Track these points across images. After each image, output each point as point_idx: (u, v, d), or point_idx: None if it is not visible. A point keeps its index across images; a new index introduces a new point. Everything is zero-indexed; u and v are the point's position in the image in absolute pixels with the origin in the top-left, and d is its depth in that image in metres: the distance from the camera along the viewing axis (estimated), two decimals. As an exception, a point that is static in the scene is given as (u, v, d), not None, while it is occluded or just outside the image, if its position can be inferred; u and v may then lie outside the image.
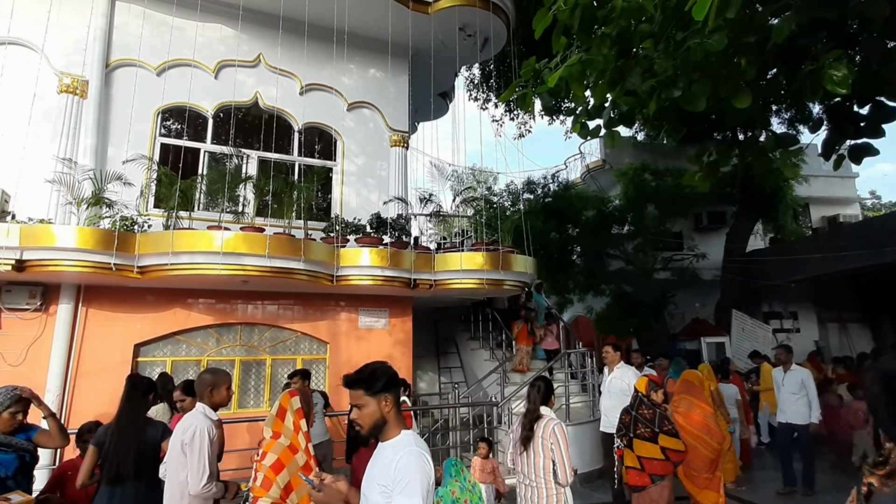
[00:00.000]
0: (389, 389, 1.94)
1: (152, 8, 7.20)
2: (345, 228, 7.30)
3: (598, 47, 2.46)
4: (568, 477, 3.33)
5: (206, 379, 3.16)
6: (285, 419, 2.92)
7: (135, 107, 6.75)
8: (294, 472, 2.73)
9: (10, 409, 2.92)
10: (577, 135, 3.52)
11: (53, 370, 5.98)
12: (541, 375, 4.44)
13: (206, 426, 2.97)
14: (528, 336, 9.03)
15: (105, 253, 5.68)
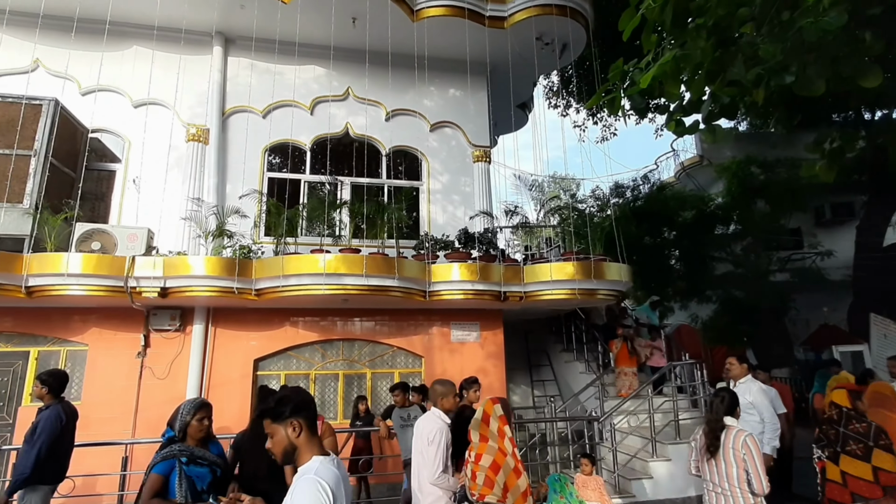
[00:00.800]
0: (298, 414, 1.89)
1: (258, 59, 8.06)
2: (434, 245, 7.51)
3: (694, 40, 2.36)
4: (764, 487, 3.35)
5: (438, 389, 3.77)
6: (490, 424, 3.17)
7: (246, 147, 7.55)
8: (508, 474, 2.97)
9: (197, 415, 3.07)
10: (672, 132, 3.36)
11: (191, 382, 6.77)
12: (724, 387, 4.53)
13: (444, 428, 3.51)
14: (630, 357, 8.35)
15: (228, 279, 6.35)
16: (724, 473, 3.49)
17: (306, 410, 1.94)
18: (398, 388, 5.99)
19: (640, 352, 8.45)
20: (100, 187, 7.56)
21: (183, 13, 7.36)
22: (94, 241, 6.47)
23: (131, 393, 6.69)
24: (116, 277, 6.13)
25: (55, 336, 6.76)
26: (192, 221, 6.96)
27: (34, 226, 6.17)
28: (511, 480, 2.97)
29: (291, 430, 1.87)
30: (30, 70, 7.39)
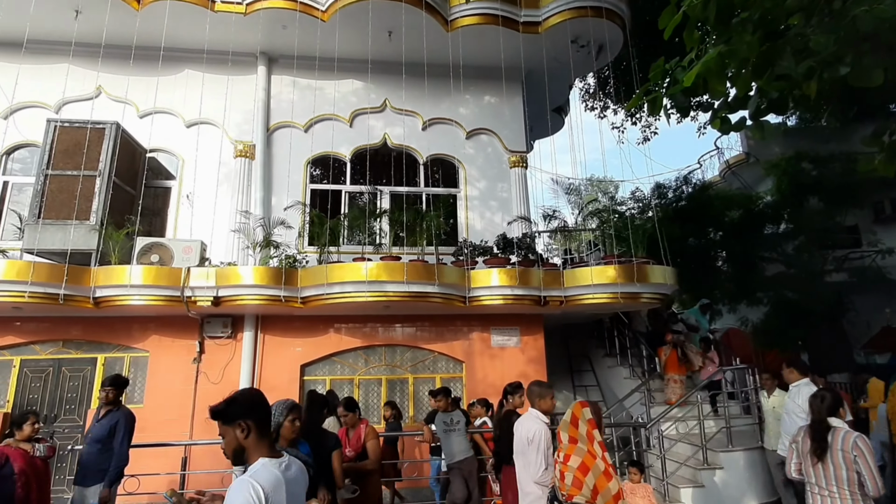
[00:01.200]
0: (249, 416, 1.90)
1: (299, 76, 8.40)
2: (473, 251, 7.57)
3: (739, 35, 2.33)
4: (879, 488, 3.25)
5: (535, 390, 3.92)
6: (578, 426, 3.21)
7: (290, 161, 7.86)
8: (598, 476, 3.00)
9: (289, 416, 3.13)
10: (717, 130, 3.29)
11: (243, 387, 7.04)
12: (826, 387, 4.51)
13: (543, 428, 3.67)
14: (680, 364, 7.98)
15: (276, 287, 6.61)
16: (832, 476, 3.38)
17: (257, 412, 1.95)
18: (440, 392, 6.04)
19: (692, 359, 8.08)
20: (157, 203, 8.02)
21: (230, 37, 7.76)
22: (154, 253, 6.88)
23: (188, 396, 7.03)
24: (174, 288, 6.49)
25: (119, 343, 7.19)
26: (240, 233, 7.29)
27: (100, 241, 6.61)
28: (601, 483, 2.98)
29: (240, 431, 1.89)
30: (93, 96, 7.96)
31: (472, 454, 6.07)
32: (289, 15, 7.61)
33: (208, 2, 7.49)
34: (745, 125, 3.10)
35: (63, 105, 7.88)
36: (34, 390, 7.04)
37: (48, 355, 7.16)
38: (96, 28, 7.42)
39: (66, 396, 7.08)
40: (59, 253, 6.57)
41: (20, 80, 7.46)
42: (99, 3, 7.15)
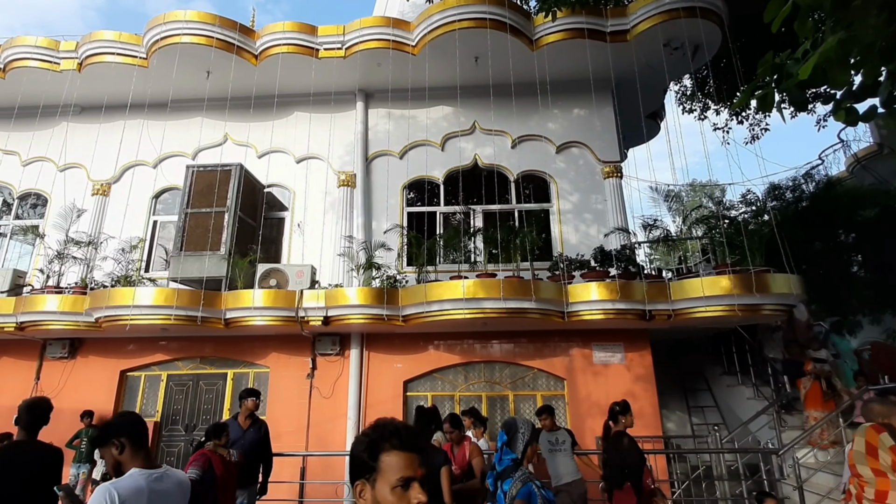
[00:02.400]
0: (121, 435, 2.16)
1: (393, 107, 8.98)
2: (569, 265, 7.44)
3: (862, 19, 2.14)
4: None
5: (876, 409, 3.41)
6: (879, 456, 2.93)
7: (388, 186, 8.36)
8: None
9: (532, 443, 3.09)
10: (842, 122, 3.00)
11: (351, 401, 7.50)
12: None
13: None
14: (824, 399, 6.94)
15: (378, 307, 6.99)
16: None
17: (128, 431, 2.20)
18: (545, 411, 5.95)
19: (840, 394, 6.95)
20: (273, 232, 8.90)
21: (332, 79, 8.54)
22: (272, 278, 7.63)
23: (304, 410, 7.60)
24: (289, 309, 7.13)
25: (245, 360, 8.01)
26: (345, 257, 7.85)
27: (229, 268, 7.48)
28: None
29: (115, 449, 2.16)
30: (221, 143, 9.14)
31: (580, 476, 5.84)
32: (382, 53, 8.20)
33: (313, 51, 8.31)
34: (876, 114, 2.80)
35: (198, 152, 9.13)
36: (177, 402, 8.05)
37: (188, 371, 8.16)
38: (223, 84, 8.56)
39: (203, 408, 7.99)
40: (196, 280, 7.53)
41: (166, 134, 8.79)
42: (225, 63, 8.25)
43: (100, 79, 8.68)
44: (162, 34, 8.00)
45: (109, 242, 8.20)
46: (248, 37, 8.34)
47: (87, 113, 9.43)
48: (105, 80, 8.70)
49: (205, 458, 4.01)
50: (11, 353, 8.11)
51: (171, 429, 7.85)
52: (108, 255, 7.96)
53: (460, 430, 5.03)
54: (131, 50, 8.39)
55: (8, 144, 9.50)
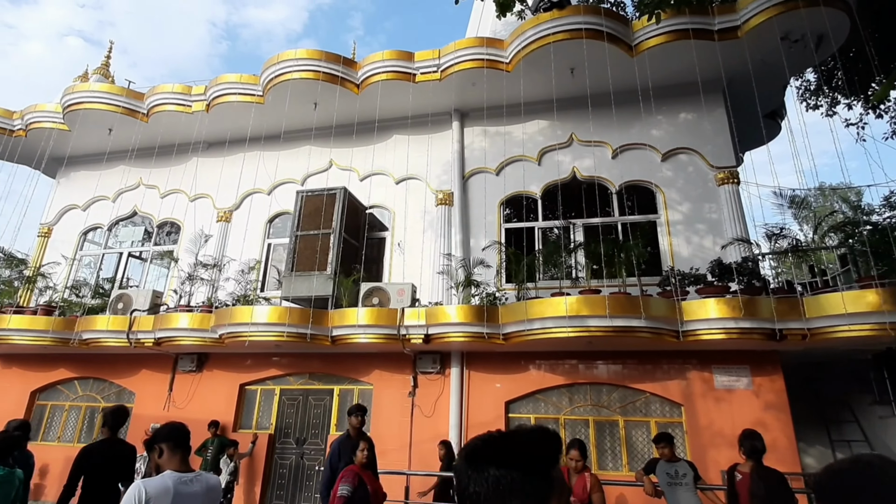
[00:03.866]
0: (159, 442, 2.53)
1: (489, 125, 9.03)
2: (681, 280, 6.88)
3: None
4: None
5: None
6: None
7: (485, 203, 8.36)
8: None
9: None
10: None
11: (452, 421, 7.42)
12: None
13: None
14: None
15: (478, 324, 6.90)
16: None
17: (167, 438, 2.55)
18: (663, 439, 5.47)
19: None
20: (374, 252, 9.22)
21: (428, 101, 8.80)
22: (374, 296, 7.84)
23: (406, 428, 7.64)
24: (391, 326, 7.25)
25: (349, 377, 8.26)
26: (444, 274, 7.89)
27: (335, 287, 7.81)
28: None
29: (156, 453, 2.53)
30: (327, 168, 9.72)
31: (705, 513, 5.30)
32: (477, 73, 8.30)
33: (410, 76, 8.62)
34: None
35: (307, 178, 9.78)
36: (290, 415, 8.46)
37: (299, 386, 8.57)
38: (328, 114, 9.14)
39: (312, 422, 8.33)
40: (306, 299, 7.94)
41: (279, 163, 9.51)
42: (330, 94, 8.81)
43: (224, 117, 9.64)
44: (276, 72, 8.74)
45: (231, 264, 8.95)
46: (350, 68, 8.86)
47: (213, 148, 10.52)
48: (228, 118, 9.65)
49: (354, 474, 4.06)
50: (150, 366, 9.04)
51: (284, 441, 8.25)
52: (230, 276, 8.68)
53: (585, 459, 4.76)
54: (250, 89, 9.25)
55: (150, 179, 10.82)
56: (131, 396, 9.08)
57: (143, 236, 10.89)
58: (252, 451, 7.88)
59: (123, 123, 10.12)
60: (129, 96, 10.02)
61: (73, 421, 9.28)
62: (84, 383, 9.48)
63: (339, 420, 8.10)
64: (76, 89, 10.05)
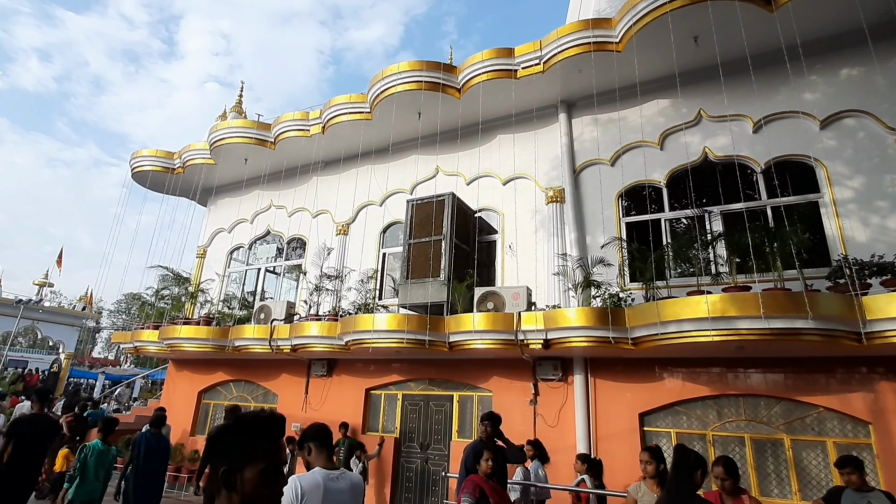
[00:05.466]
0: (308, 441, 2.73)
1: (599, 112, 8.37)
2: (859, 271, 5.63)
3: None
4: None
5: None
6: None
7: (602, 197, 7.71)
8: None
9: None
10: None
11: (579, 433, 6.91)
12: None
13: None
14: None
15: (602, 328, 6.33)
16: None
17: (314, 437, 2.74)
18: (849, 463, 4.46)
19: None
20: (485, 256, 9.04)
21: (532, 96, 8.41)
22: (489, 301, 7.64)
23: (528, 437, 7.27)
24: (508, 332, 6.97)
25: (468, 383, 8.15)
26: (561, 276, 7.42)
27: (448, 293, 7.76)
28: None
29: (306, 452, 2.73)
30: (433, 175, 9.78)
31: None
32: (583, 58, 7.72)
33: (511, 73, 8.31)
34: None
35: (415, 187, 9.94)
36: (412, 420, 8.59)
37: (419, 391, 8.67)
38: (432, 122, 9.20)
39: (434, 427, 8.36)
40: (421, 305, 8.00)
41: (389, 175, 9.79)
42: (432, 102, 8.85)
43: (338, 136, 10.21)
44: (381, 88, 9.00)
45: (351, 275, 9.40)
46: (450, 74, 8.81)
47: (329, 167, 11.22)
48: (341, 137, 10.20)
49: (474, 485, 3.93)
50: (289, 370, 9.84)
51: (409, 445, 8.39)
52: (351, 285, 9.10)
53: (735, 479, 4.04)
54: (358, 107, 9.67)
55: (279, 200, 11.88)
56: (275, 398, 9.95)
57: (275, 252, 11.97)
58: (379, 452, 8.13)
59: (256, 153, 11.22)
60: (259, 128, 11.08)
61: (230, 420, 10.45)
62: (237, 385, 10.62)
63: (460, 426, 8.02)
64: (218, 128, 11.37)
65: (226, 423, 1.44)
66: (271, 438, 1.41)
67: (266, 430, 1.42)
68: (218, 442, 1.39)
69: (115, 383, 22.37)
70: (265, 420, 1.43)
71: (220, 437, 1.40)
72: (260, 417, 1.44)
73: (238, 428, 1.40)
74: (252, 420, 1.42)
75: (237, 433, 1.39)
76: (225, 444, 1.38)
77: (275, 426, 1.44)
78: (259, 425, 1.42)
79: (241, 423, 1.41)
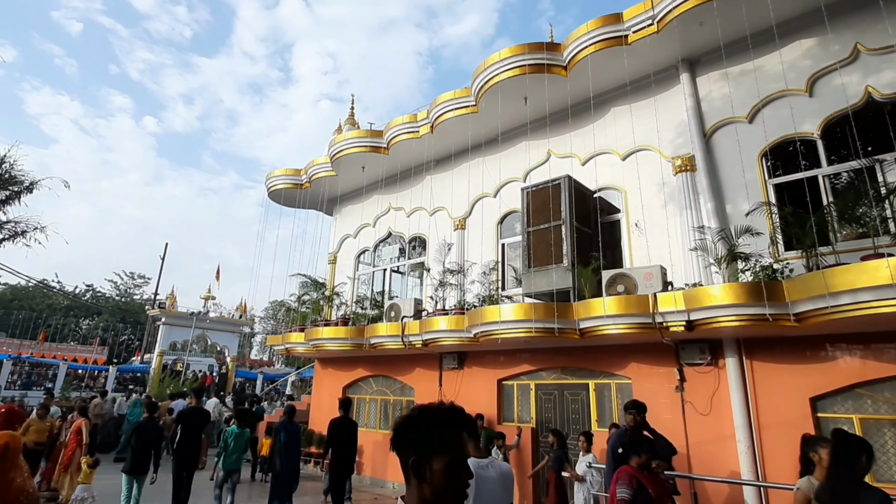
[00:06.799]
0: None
1: (729, 65, 7.51)
2: None
3: None
4: None
5: None
6: None
7: (741, 159, 6.93)
8: None
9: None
10: None
11: (737, 421, 6.34)
12: None
13: None
14: None
15: (756, 305, 5.70)
16: None
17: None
18: None
19: None
20: (608, 237, 8.64)
21: (647, 60, 7.80)
22: (618, 284, 7.29)
23: (677, 427, 6.85)
24: (643, 315, 6.59)
25: (604, 370, 7.88)
26: (699, 251, 6.83)
27: (574, 279, 7.56)
28: None
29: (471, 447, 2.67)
30: (546, 160, 9.57)
31: None
32: (704, 9, 6.96)
33: (621, 39, 7.80)
34: None
35: (528, 173, 9.82)
36: (547, 410, 8.54)
37: (552, 381, 8.58)
38: (540, 105, 8.99)
39: (572, 417, 8.23)
40: (546, 293, 7.89)
41: (500, 165, 9.79)
42: (538, 85, 8.63)
43: (446, 133, 10.43)
44: (485, 79, 9.00)
45: (472, 268, 9.58)
46: (554, 52, 8.52)
47: (441, 164, 11.53)
48: (450, 133, 10.40)
49: (630, 476, 3.84)
50: (422, 365, 10.35)
51: (546, 436, 8.37)
52: (473, 278, 9.28)
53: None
54: (464, 102, 9.78)
55: (397, 202, 12.50)
56: (411, 391, 10.54)
57: (398, 253, 12.63)
58: (518, 443, 8.21)
59: (372, 159, 11.92)
60: (372, 136, 11.75)
61: (374, 411, 11.28)
62: (376, 380, 11.43)
63: (599, 415, 7.81)
64: (336, 141, 12.28)
65: (410, 415, 1.48)
66: (453, 431, 1.43)
67: (448, 423, 1.44)
68: (404, 433, 1.44)
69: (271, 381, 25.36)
70: (446, 413, 1.47)
71: (406, 429, 1.44)
72: (442, 410, 1.47)
73: (422, 420, 1.44)
74: (434, 413, 1.46)
75: (421, 426, 1.43)
76: (410, 435, 1.43)
77: (456, 418, 1.46)
78: (441, 418, 1.45)
79: (425, 416, 1.46)
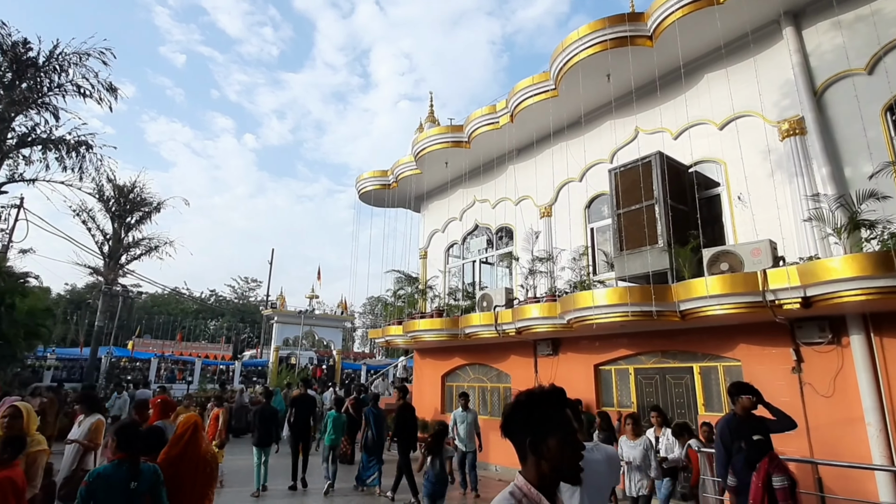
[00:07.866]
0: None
1: (840, 12, 6.73)
2: None
3: None
4: None
5: None
6: None
7: (861, 116, 6.23)
8: None
9: None
10: None
11: (867, 403, 5.78)
12: None
13: None
14: None
15: (886, 276, 5.15)
16: None
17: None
18: None
19: None
20: (706, 213, 8.15)
21: (743, 19, 7.21)
22: (721, 262, 6.88)
23: (796, 410, 6.35)
24: (752, 293, 6.19)
25: (709, 353, 7.50)
26: (815, 221, 6.25)
27: (671, 259, 7.26)
28: None
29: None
30: (633, 138, 9.22)
31: None
32: (808, -48, 6.32)
33: (712, 0, 7.28)
34: None
35: (615, 154, 9.52)
36: (648, 394, 8.31)
37: (652, 364, 8.33)
38: (624, 81, 8.67)
39: (676, 401, 7.94)
40: (641, 276, 7.65)
41: (585, 147, 9.58)
42: (621, 59, 8.31)
43: (527, 121, 10.40)
44: (564, 60, 8.84)
45: (561, 255, 9.53)
46: (636, 23, 8.14)
47: (523, 152, 11.52)
48: (530, 120, 10.35)
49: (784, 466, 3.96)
50: (516, 352, 10.51)
51: (649, 420, 8.15)
52: (563, 265, 9.23)
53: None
54: (543, 87, 9.68)
55: (481, 195, 12.71)
56: (507, 378, 10.75)
57: (485, 244, 12.85)
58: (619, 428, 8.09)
59: (454, 154, 12.21)
60: (453, 131, 12.03)
61: (472, 397, 11.63)
62: (472, 368, 11.79)
63: (706, 400, 7.47)
64: (419, 140, 12.74)
65: (517, 401, 1.64)
66: (558, 409, 1.59)
67: (553, 402, 1.60)
68: (516, 417, 1.61)
69: (375, 371, 26.93)
70: (550, 394, 1.63)
71: (517, 414, 1.61)
72: (545, 392, 1.64)
73: (530, 403, 1.61)
74: (539, 395, 1.62)
75: (531, 408, 1.59)
76: (521, 418, 1.59)
77: (559, 398, 1.62)
78: (546, 399, 1.61)
79: (532, 399, 1.62)
